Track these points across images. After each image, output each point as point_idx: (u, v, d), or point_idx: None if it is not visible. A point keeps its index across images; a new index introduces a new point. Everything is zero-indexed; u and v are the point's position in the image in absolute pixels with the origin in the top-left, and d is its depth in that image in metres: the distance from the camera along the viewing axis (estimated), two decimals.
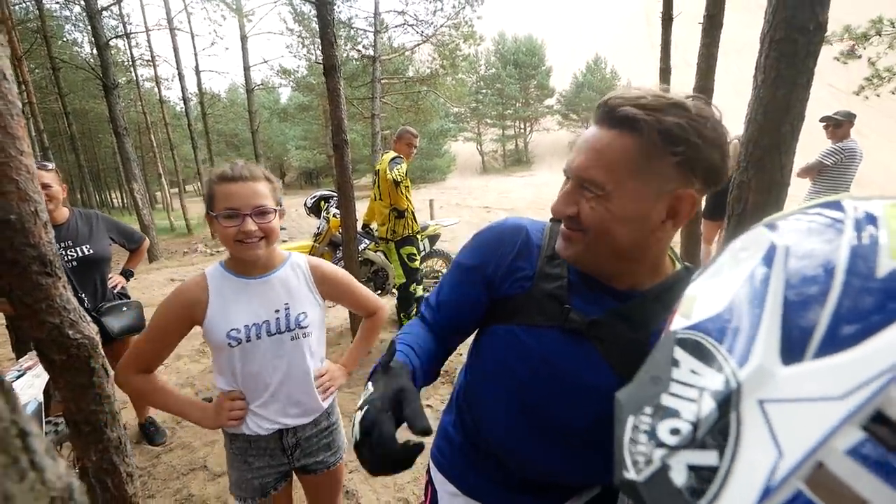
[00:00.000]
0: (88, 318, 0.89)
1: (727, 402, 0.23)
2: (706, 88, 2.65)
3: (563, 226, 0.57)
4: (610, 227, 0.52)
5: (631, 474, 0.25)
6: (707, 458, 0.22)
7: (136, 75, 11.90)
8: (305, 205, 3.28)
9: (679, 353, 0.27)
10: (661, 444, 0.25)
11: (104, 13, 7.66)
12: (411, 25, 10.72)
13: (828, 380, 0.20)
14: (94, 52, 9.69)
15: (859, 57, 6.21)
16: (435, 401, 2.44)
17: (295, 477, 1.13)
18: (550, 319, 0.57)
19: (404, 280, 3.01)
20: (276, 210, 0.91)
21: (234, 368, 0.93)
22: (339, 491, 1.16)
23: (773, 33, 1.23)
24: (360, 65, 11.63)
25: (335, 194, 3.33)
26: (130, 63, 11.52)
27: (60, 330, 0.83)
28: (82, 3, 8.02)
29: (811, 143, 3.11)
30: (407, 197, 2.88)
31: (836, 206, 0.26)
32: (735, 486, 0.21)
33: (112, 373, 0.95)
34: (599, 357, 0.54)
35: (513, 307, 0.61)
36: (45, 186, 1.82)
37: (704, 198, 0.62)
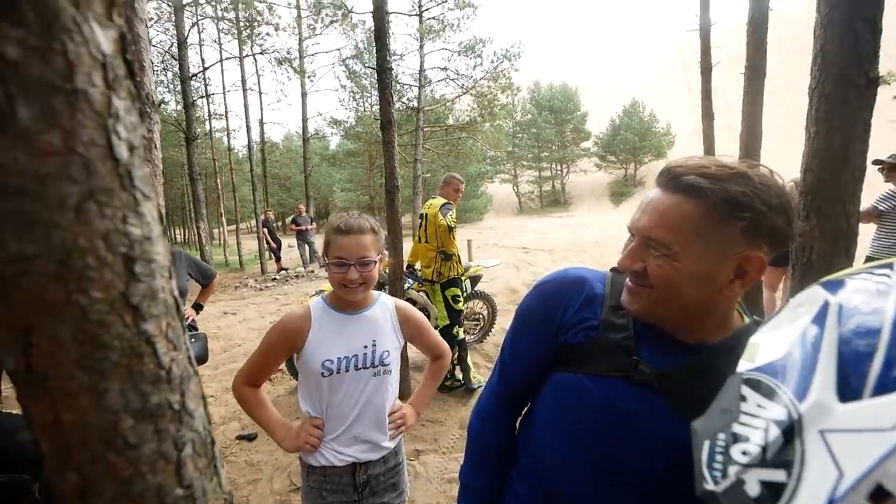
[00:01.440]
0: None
1: (791, 429, 0.27)
2: (754, 136, 2.63)
3: (628, 280, 0.60)
4: (678, 285, 0.54)
5: (710, 486, 0.30)
6: (776, 475, 0.27)
7: (211, 127, 13.48)
8: None
9: (746, 390, 0.32)
10: (734, 463, 0.29)
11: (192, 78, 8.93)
12: (452, 79, 11.52)
13: (881, 414, 0.24)
14: (178, 108, 11.27)
15: None
16: None
17: None
18: (617, 369, 0.59)
19: (447, 321, 3.04)
20: (375, 261, 1.01)
21: (321, 397, 1.02)
22: None
23: (821, 88, 1.24)
24: (405, 115, 12.50)
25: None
26: (206, 117, 13.15)
27: None
28: (176, 69, 9.40)
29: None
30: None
31: (889, 267, 0.31)
32: (803, 498, 0.25)
33: None
34: (667, 409, 0.55)
35: (578, 356, 0.63)
36: None
37: None
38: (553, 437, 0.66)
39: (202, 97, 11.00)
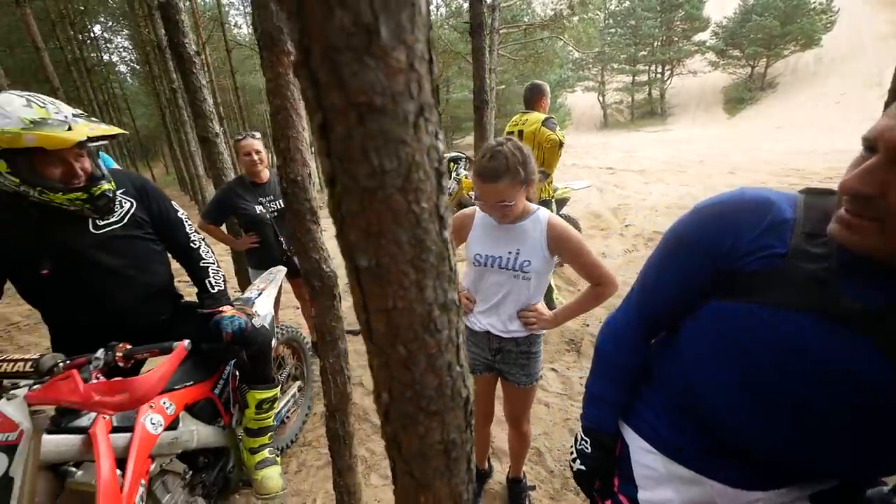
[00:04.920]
0: (331, 256, 1.15)
1: None
2: None
3: (844, 210, 0.51)
4: None
5: None
6: None
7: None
8: None
9: None
10: None
11: None
12: None
13: None
14: (249, 31, 11.19)
15: None
16: (560, 365, 2.52)
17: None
18: (806, 303, 0.54)
19: None
20: (510, 205, 1.15)
21: (473, 280, 1.32)
22: (527, 405, 1.46)
23: None
24: None
25: (463, 155, 3.44)
26: None
27: (319, 264, 1.11)
28: None
29: None
30: None
31: None
32: None
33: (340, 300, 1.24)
34: (872, 349, 0.51)
35: (752, 284, 0.59)
36: (257, 152, 2.29)
37: None
38: (706, 361, 0.65)
39: None
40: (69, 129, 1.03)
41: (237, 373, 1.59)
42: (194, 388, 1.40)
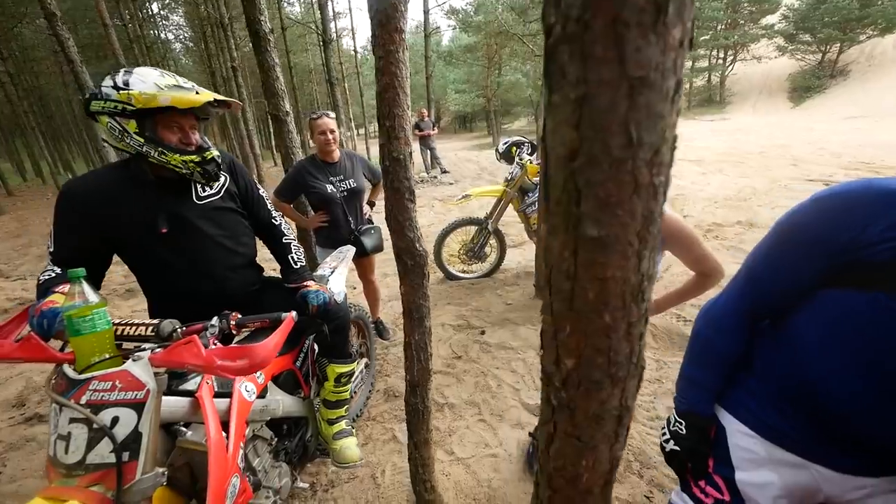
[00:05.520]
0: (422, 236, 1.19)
1: None
2: None
3: None
4: None
5: None
6: None
7: (337, 28, 13.71)
8: (497, 150, 3.44)
9: None
10: None
11: None
12: None
13: None
14: (303, 10, 11.40)
15: None
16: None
17: None
18: None
19: None
20: None
21: None
22: None
23: None
24: None
25: (526, 140, 3.38)
26: (331, 18, 13.34)
27: (413, 242, 1.14)
28: None
29: None
30: None
31: None
32: None
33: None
34: None
35: (879, 274, 0.58)
36: (331, 131, 2.35)
37: None
38: (823, 352, 0.65)
39: None
40: (197, 93, 1.15)
41: (316, 347, 1.69)
42: (279, 359, 1.48)
